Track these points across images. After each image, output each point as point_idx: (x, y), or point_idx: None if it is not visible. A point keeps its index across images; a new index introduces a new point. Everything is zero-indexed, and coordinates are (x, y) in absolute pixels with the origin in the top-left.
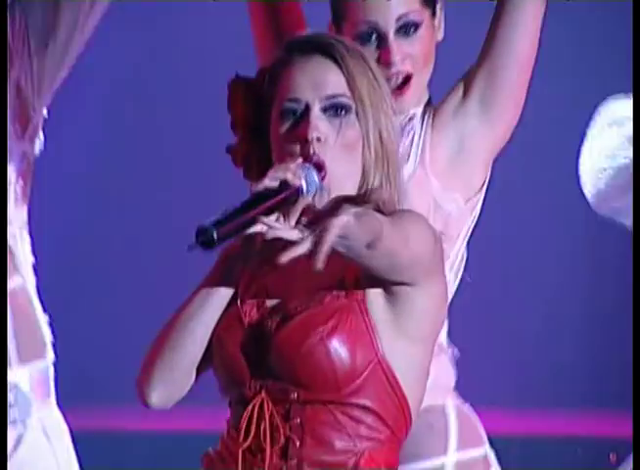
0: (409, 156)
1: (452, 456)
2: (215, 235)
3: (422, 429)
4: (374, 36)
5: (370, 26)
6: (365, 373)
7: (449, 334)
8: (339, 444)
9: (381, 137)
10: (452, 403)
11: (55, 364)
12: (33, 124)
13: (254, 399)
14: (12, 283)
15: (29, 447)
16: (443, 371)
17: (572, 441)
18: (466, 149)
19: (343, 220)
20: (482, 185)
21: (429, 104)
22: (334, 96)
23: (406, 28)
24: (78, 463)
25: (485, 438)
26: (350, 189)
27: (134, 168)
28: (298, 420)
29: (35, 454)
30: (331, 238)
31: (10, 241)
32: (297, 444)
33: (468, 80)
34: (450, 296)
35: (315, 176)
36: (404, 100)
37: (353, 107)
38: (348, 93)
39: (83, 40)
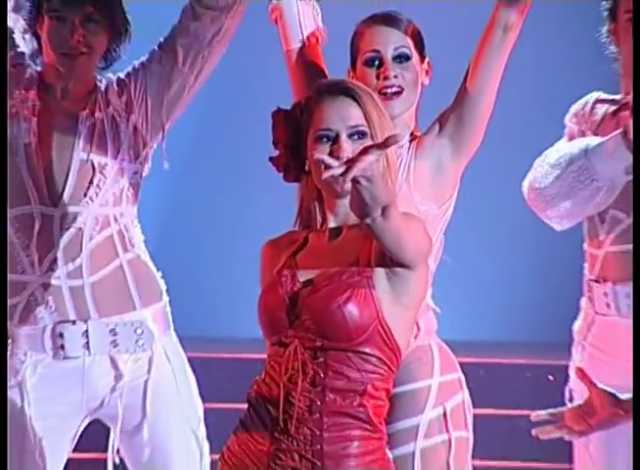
0: (398, 176)
1: (436, 379)
2: None
3: (414, 361)
4: (377, 61)
5: (375, 53)
6: (369, 329)
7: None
8: (351, 376)
9: (387, 152)
10: (435, 343)
11: (170, 305)
12: (145, 153)
13: (290, 344)
14: (131, 254)
15: (157, 366)
16: (429, 322)
17: (523, 367)
18: (440, 172)
19: (370, 158)
20: (453, 194)
21: (414, 137)
22: (356, 126)
23: (400, 58)
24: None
25: (458, 366)
26: None
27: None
28: (322, 359)
29: (160, 371)
30: (359, 166)
31: (129, 226)
32: (322, 375)
33: (442, 121)
34: (432, 273)
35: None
36: (395, 105)
37: (369, 132)
38: (365, 123)
39: (190, 97)
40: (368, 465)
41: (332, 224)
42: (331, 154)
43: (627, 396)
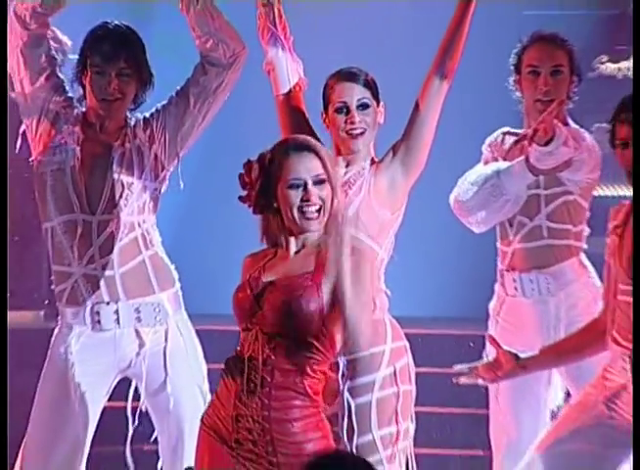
0: (361, 190)
1: (388, 345)
2: None
3: (372, 332)
4: (344, 109)
5: (343, 104)
6: (313, 323)
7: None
8: (294, 360)
9: (336, 189)
10: (387, 318)
11: (181, 289)
12: (163, 174)
13: (252, 330)
14: (151, 252)
15: (171, 336)
16: (382, 302)
17: (451, 336)
18: (394, 188)
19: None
20: (403, 204)
21: (373, 161)
22: (318, 175)
23: (362, 106)
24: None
25: (404, 336)
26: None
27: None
28: (274, 345)
29: (174, 340)
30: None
31: (150, 230)
32: (272, 357)
33: (395, 150)
34: (385, 265)
35: None
36: (359, 143)
37: (326, 178)
38: (324, 172)
39: (199, 132)
40: (305, 426)
41: (292, 246)
42: (302, 198)
43: (525, 355)
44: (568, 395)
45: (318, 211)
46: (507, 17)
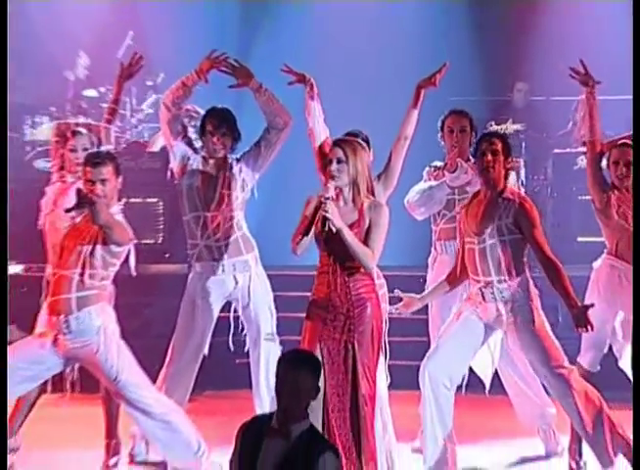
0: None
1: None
2: None
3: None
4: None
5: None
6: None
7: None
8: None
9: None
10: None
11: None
12: (247, 189)
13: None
14: (241, 232)
15: (253, 279)
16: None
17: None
18: (379, 198)
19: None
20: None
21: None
22: None
23: (338, 161)
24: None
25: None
26: None
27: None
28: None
29: (255, 281)
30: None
31: (240, 221)
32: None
33: (378, 178)
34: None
35: None
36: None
37: None
38: None
39: (266, 166)
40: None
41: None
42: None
43: (419, 295)
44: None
45: None
46: (438, 100)
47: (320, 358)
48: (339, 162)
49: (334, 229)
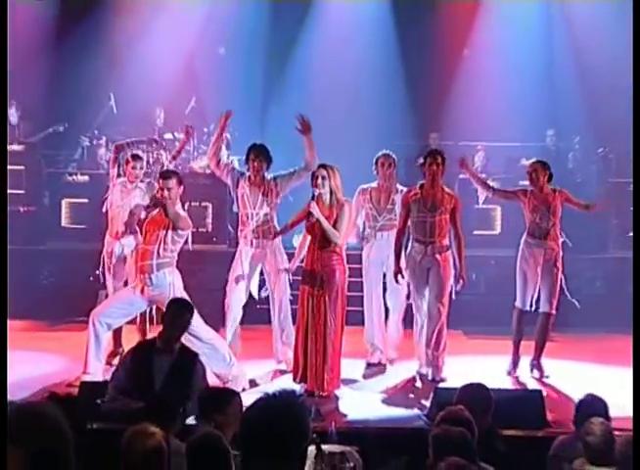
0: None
1: None
2: None
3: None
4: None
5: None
6: None
7: None
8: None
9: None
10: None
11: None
12: (279, 198)
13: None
14: (272, 223)
15: (275, 250)
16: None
17: None
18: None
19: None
20: None
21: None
22: None
23: (321, 177)
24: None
25: None
26: None
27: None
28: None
29: (275, 253)
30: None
31: (273, 216)
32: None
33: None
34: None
35: None
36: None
37: None
38: None
39: (293, 186)
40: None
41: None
42: None
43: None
44: None
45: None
46: (388, 143)
47: (307, 308)
48: (322, 178)
49: (314, 219)
